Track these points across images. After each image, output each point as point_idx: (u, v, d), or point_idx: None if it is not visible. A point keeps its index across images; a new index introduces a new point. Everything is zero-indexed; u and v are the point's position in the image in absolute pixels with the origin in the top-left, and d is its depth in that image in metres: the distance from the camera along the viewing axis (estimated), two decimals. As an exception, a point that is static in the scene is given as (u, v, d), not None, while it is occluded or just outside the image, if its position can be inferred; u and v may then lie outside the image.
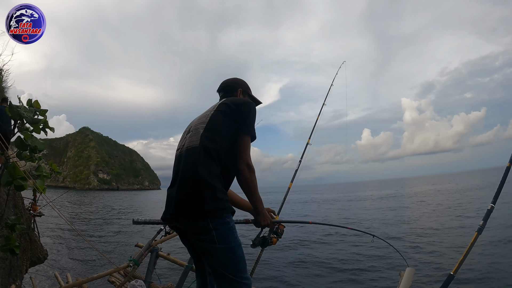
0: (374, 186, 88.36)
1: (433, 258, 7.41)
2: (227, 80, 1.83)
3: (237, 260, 1.36)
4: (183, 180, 1.37)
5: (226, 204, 1.38)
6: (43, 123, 1.96)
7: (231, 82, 1.81)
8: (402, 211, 18.20)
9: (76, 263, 8.20)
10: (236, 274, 1.34)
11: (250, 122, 1.51)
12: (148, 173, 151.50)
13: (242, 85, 1.81)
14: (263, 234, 1.67)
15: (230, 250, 1.35)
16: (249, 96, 1.82)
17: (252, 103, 1.62)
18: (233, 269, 1.34)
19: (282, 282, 6.37)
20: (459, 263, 1.87)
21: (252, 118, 1.53)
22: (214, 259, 1.35)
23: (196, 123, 1.54)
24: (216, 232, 1.32)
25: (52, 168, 2.42)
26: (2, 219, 2.27)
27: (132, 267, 2.77)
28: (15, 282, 3.34)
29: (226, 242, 1.34)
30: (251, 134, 1.50)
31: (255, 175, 1.45)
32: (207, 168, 1.35)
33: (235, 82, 1.82)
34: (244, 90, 1.80)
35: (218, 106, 1.56)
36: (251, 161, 1.45)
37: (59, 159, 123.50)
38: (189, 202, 1.33)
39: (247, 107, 1.54)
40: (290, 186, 3.13)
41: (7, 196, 3.16)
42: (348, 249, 8.97)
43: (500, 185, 2.02)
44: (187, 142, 1.47)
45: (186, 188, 1.35)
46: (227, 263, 1.34)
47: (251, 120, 1.52)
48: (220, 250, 1.33)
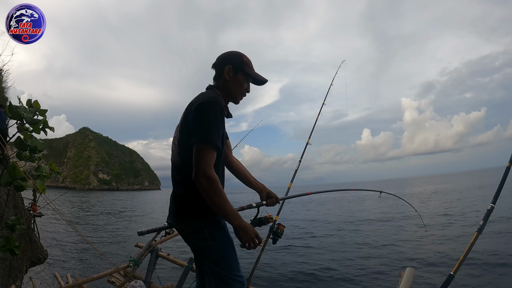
0: (374, 186, 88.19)
1: (433, 258, 7.41)
2: (220, 55, 1.51)
3: (229, 257, 1.40)
4: (173, 191, 1.45)
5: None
6: (43, 123, 1.96)
7: (221, 59, 1.48)
8: (402, 211, 18.18)
9: (76, 263, 8.20)
10: (228, 271, 1.38)
11: (202, 128, 1.25)
12: (148, 173, 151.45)
13: (232, 60, 1.46)
14: (260, 215, 1.67)
15: (222, 247, 1.39)
16: (244, 73, 1.47)
17: (210, 102, 1.28)
18: (225, 266, 1.38)
19: (282, 282, 6.36)
20: (459, 263, 1.87)
21: (203, 122, 1.26)
22: (208, 257, 1.40)
23: (175, 133, 1.48)
24: (208, 230, 1.37)
25: (52, 168, 2.42)
26: (2, 219, 2.27)
27: (132, 267, 2.77)
28: (15, 283, 3.33)
29: (218, 239, 1.38)
30: (202, 141, 1.24)
31: (217, 185, 1.23)
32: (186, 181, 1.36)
33: (225, 57, 1.48)
34: (236, 66, 1.45)
35: (183, 113, 1.40)
36: (211, 169, 1.24)
37: (59, 159, 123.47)
38: (182, 207, 1.40)
39: (199, 112, 1.27)
40: (290, 186, 3.12)
41: (7, 196, 3.15)
42: (348, 249, 8.98)
43: (500, 185, 2.02)
44: (171, 156, 1.50)
45: (176, 197, 1.42)
46: (219, 260, 1.38)
47: (201, 125, 1.26)
48: (213, 247, 1.38)
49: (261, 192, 1.72)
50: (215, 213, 1.36)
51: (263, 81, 1.50)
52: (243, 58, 1.47)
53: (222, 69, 1.45)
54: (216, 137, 1.26)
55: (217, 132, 1.27)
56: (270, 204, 1.72)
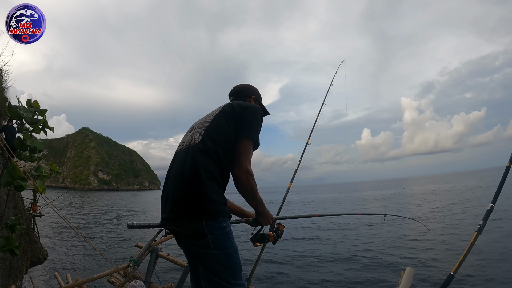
0: (373, 186, 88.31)
1: (433, 258, 7.42)
2: (241, 85, 1.75)
3: (232, 266, 1.30)
4: (179, 177, 1.32)
5: (223, 208, 1.31)
6: (43, 123, 1.96)
7: (245, 88, 1.74)
8: (401, 211, 18.20)
9: (76, 263, 8.20)
10: (229, 280, 1.29)
11: (254, 126, 1.43)
12: (148, 173, 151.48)
13: (255, 92, 1.74)
14: (262, 231, 1.66)
15: (226, 256, 1.29)
16: (260, 105, 1.74)
17: (259, 108, 1.54)
18: (227, 275, 1.28)
19: (282, 282, 6.36)
20: (459, 263, 1.87)
21: (257, 123, 1.45)
22: (208, 264, 1.29)
23: (200, 122, 1.50)
24: (212, 237, 1.26)
25: (52, 168, 2.42)
26: (2, 219, 2.27)
27: (132, 267, 2.77)
28: (15, 283, 3.33)
29: (222, 247, 1.28)
30: (253, 138, 1.41)
31: (254, 181, 1.38)
32: (206, 167, 1.30)
33: (249, 88, 1.74)
34: (257, 98, 1.73)
35: (224, 106, 1.52)
36: (251, 166, 1.38)
37: (59, 159, 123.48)
38: (184, 200, 1.27)
39: (252, 111, 1.47)
40: (290, 186, 3.12)
41: (7, 196, 3.15)
42: (348, 249, 8.98)
43: (500, 185, 2.02)
44: (188, 140, 1.43)
45: (182, 185, 1.30)
46: (221, 269, 1.28)
47: (255, 124, 1.44)
48: (214, 255, 1.28)
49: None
50: (221, 216, 1.29)
51: (268, 114, 1.78)
52: (260, 93, 1.78)
53: (248, 97, 1.70)
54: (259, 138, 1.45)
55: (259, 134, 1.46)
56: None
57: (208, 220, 1.26)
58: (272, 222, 1.62)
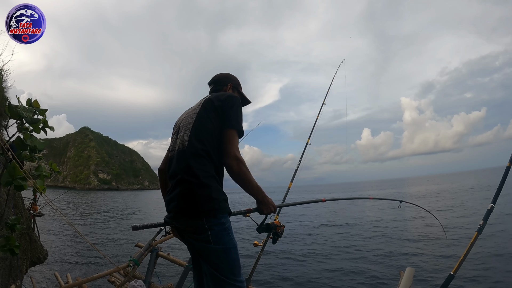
0: (374, 186, 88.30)
1: (433, 258, 7.41)
2: (219, 74, 1.80)
3: (231, 262, 1.35)
4: (178, 182, 1.38)
5: (222, 204, 1.36)
6: (43, 123, 1.96)
7: (223, 76, 1.78)
8: (402, 211, 18.18)
9: (76, 263, 8.19)
10: (229, 276, 1.33)
11: (234, 115, 1.46)
12: (148, 173, 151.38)
13: (233, 80, 1.78)
14: (267, 221, 1.67)
15: (225, 251, 1.34)
16: (239, 92, 1.79)
17: (237, 97, 1.56)
18: (226, 270, 1.33)
19: (282, 282, 6.36)
20: (459, 263, 1.87)
21: (236, 111, 1.48)
22: (208, 259, 1.35)
23: (184, 123, 1.54)
24: (211, 233, 1.32)
25: (52, 168, 2.42)
26: (2, 219, 2.27)
27: (132, 267, 2.78)
28: (15, 282, 3.34)
29: (221, 243, 1.33)
30: (235, 127, 1.44)
31: (245, 167, 1.39)
32: (200, 168, 1.35)
33: (227, 76, 1.79)
34: (234, 86, 1.77)
35: (203, 103, 1.54)
36: (239, 153, 1.40)
37: (59, 159, 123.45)
38: (186, 203, 1.34)
39: (230, 101, 1.49)
40: (290, 186, 3.13)
41: (7, 196, 3.15)
42: (348, 248, 8.98)
43: (500, 185, 2.02)
44: (178, 144, 1.48)
45: (181, 189, 1.36)
46: (220, 264, 1.33)
47: (234, 113, 1.47)
48: (214, 250, 1.33)
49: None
50: (221, 212, 1.34)
51: (249, 102, 1.83)
52: (239, 81, 1.81)
53: (225, 85, 1.73)
54: (242, 126, 1.49)
55: (242, 122, 1.50)
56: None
57: (209, 217, 1.32)
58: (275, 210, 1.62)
